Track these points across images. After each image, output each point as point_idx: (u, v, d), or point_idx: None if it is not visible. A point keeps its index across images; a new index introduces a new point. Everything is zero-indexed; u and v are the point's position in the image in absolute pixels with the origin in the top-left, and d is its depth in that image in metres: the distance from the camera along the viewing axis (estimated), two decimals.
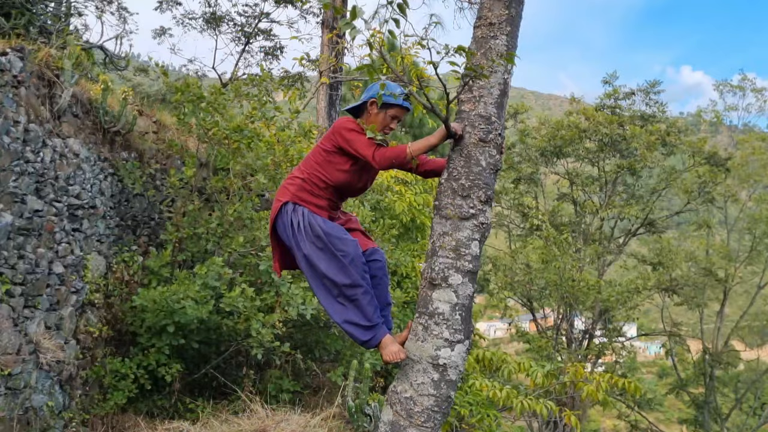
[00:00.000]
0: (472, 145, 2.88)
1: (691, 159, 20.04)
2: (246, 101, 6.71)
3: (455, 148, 2.92)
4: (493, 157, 2.90)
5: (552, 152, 19.58)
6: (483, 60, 2.90)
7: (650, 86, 19.74)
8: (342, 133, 3.08)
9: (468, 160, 2.87)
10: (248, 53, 11.35)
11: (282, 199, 3.16)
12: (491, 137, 2.89)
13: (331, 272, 2.99)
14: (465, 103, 2.93)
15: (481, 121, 2.89)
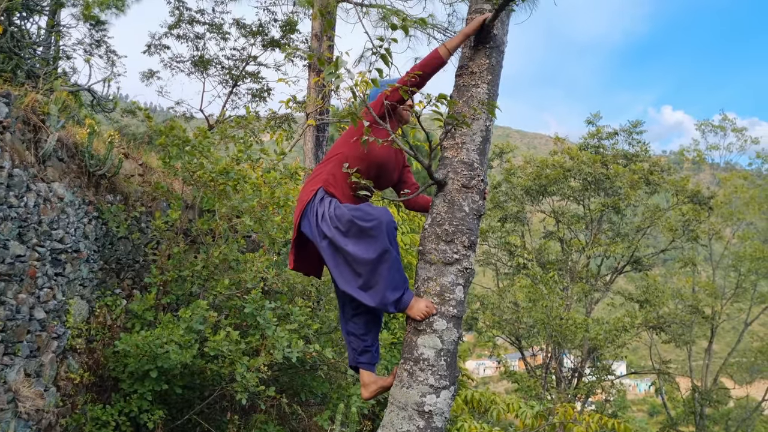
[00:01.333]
0: (456, 191, 2.91)
1: (674, 197, 20.28)
2: (232, 143, 6.76)
3: (438, 194, 2.95)
4: (476, 203, 2.93)
5: (537, 191, 19.76)
6: (465, 108, 2.95)
7: (633, 126, 20.08)
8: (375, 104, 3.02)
9: (451, 205, 2.90)
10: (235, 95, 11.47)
11: (314, 186, 3.04)
12: (474, 183, 2.92)
13: (359, 251, 2.82)
14: (448, 150, 2.97)
15: (463, 168, 2.92)
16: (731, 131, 24.65)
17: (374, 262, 2.81)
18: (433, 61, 2.94)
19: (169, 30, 10.76)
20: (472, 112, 2.93)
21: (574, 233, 20.71)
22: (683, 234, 20.31)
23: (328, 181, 3.04)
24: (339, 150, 3.10)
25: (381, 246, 2.81)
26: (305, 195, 3.05)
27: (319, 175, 3.09)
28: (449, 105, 2.69)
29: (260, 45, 11.23)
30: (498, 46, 3.07)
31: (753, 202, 22.99)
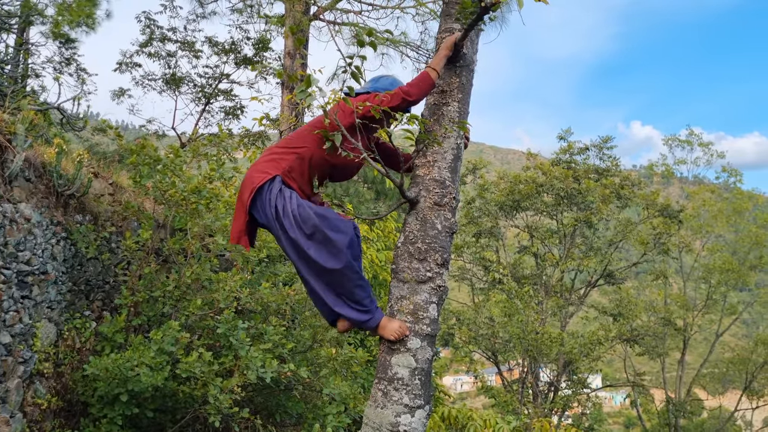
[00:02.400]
0: (428, 208, 2.91)
1: (645, 211, 20.62)
2: (205, 161, 6.70)
3: (411, 212, 2.95)
4: (448, 221, 2.93)
5: (511, 206, 19.93)
6: (436, 126, 2.97)
7: (603, 142, 20.42)
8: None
9: (424, 223, 2.90)
10: (208, 113, 11.40)
11: (270, 172, 2.92)
12: (446, 201, 2.93)
13: (321, 258, 2.81)
14: (420, 168, 2.98)
15: (435, 186, 2.93)
16: (698, 146, 25.24)
17: (336, 274, 2.83)
18: (427, 86, 2.93)
19: (140, 48, 10.69)
20: (443, 130, 2.94)
21: (548, 248, 20.89)
22: (654, 247, 20.63)
23: (286, 173, 2.95)
24: (301, 144, 3.00)
25: (344, 260, 2.81)
26: (258, 176, 2.93)
27: (276, 161, 2.98)
28: (420, 124, 2.70)
29: (233, 63, 11.22)
30: (468, 65, 3.10)
31: (720, 215, 23.47)
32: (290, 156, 2.98)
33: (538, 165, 20.36)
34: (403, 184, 2.85)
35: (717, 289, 23.34)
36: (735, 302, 25.64)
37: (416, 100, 2.91)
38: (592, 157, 20.67)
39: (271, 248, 7.24)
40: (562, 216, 20.28)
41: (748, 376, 23.89)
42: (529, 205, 20.02)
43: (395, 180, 2.76)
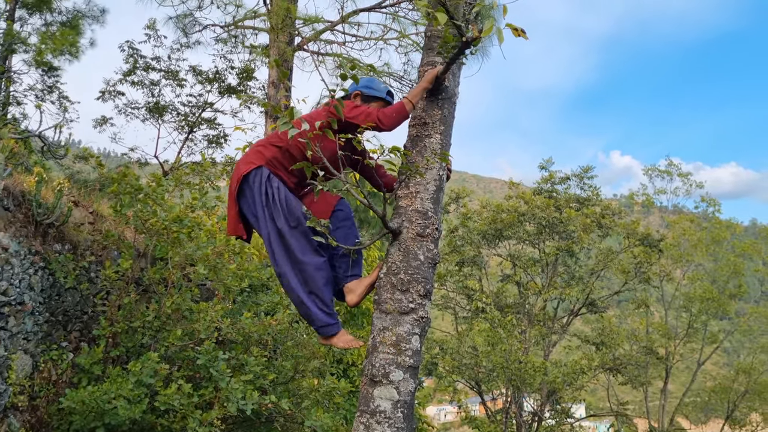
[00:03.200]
0: (410, 239, 2.92)
1: (626, 240, 20.80)
2: (187, 190, 6.67)
3: (393, 243, 2.95)
4: (431, 251, 2.94)
5: (494, 235, 20.01)
6: (419, 157, 2.99)
7: (584, 171, 20.66)
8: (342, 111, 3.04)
9: (406, 254, 2.90)
10: (191, 141, 11.38)
11: (256, 162, 3.06)
12: (428, 232, 2.94)
13: (300, 250, 2.98)
14: (402, 199, 2.99)
15: (418, 216, 2.94)
16: (677, 176, 25.62)
17: (310, 268, 2.99)
18: (401, 117, 3.05)
19: (124, 77, 10.70)
20: (425, 161, 2.97)
21: (530, 276, 20.95)
22: (635, 276, 20.77)
23: (271, 162, 3.10)
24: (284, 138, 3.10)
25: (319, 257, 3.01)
26: (244, 166, 3.09)
27: (261, 153, 3.13)
28: (402, 156, 2.72)
29: (217, 92, 11.24)
30: (450, 97, 3.14)
31: (700, 244, 23.75)
32: (273, 148, 3.13)
33: (520, 194, 20.52)
34: (386, 215, 2.86)
35: (698, 318, 23.51)
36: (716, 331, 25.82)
37: (386, 129, 3.04)
38: (573, 187, 20.90)
39: (253, 278, 7.18)
40: (544, 245, 20.39)
41: (730, 405, 23.95)
42: (512, 233, 20.12)
43: (378, 211, 2.77)
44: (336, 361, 7.95)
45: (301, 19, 10.25)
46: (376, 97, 3.29)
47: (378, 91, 3.30)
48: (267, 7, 10.04)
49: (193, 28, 10.92)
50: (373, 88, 3.31)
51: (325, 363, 6.95)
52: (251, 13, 10.45)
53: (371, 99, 3.28)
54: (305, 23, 10.38)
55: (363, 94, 3.31)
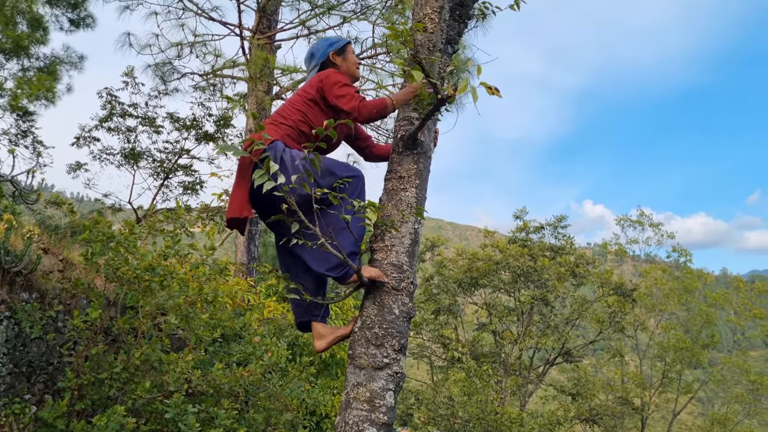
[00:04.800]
0: (386, 293, 2.90)
1: (600, 289, 20.96)
2: (161, 237, 6.59)
3: (368, 297, 2.93)
4: (406, 305, 2.92)
5: (469, 283, 20.04)
6: (394, 211, 3.01)
7: (557, 220, 20.93)
8: (331, 86, 3.16)
9: (381, 308, 2.88)
10: (167, 188, 11.30)
11: (272, 136, 3.03)
12: (404, 285, 2.93)
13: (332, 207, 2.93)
14: (378, 252, 2.99)
15: (393, 270, 2.94)
16: (649, 226, 26.07)
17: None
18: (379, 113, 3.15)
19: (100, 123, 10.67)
20: (400, 215, 2.98)
21: (506, 325, 20.93)
22: (610, 325, 20.86)
23: (286, 137, 3.12)
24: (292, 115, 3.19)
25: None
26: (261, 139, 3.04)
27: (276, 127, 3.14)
28: (377, 211, 2.73)
29: (194, 138, 11.25)
30: (425, 151, 3.18)
31: (673, 294, 24.01)
32: (284, 126, 3.15)
33: (494, 243, 20.67)
34: (360, 270, 2.85)
35: (672, 368, 23.58)
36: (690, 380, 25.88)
37: (360, 122, 3.19)
38: (547, 236, 21.13)
39: (225, 327, 7.06)
40: (520, 293, 20.46)
41: None
42: (487, 282, 20.18)
43: (353, 265, 2.76)
44: (309, 413, 7.78)
45: (279, 68, 10.39)
46: (344, 47, 3.44)
47: (341, 41, 3.45)
48: (246, 57, 10.17)
49: (172, 76, 10.99)
50: (336, 42, 3.45)
51: (298, 416, 6.80)
52: (230, 62, 10.57)
53: (343, 51, 3.44)
54: (283, 73, 10.52)
55: (335, 51, 3.43)
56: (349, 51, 3.45)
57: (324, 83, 3.19)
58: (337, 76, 3.22)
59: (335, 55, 3.41)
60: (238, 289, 7.75)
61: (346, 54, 3.43)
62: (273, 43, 10.34)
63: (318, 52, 3.41)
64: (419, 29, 3.02)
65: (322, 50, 3.40)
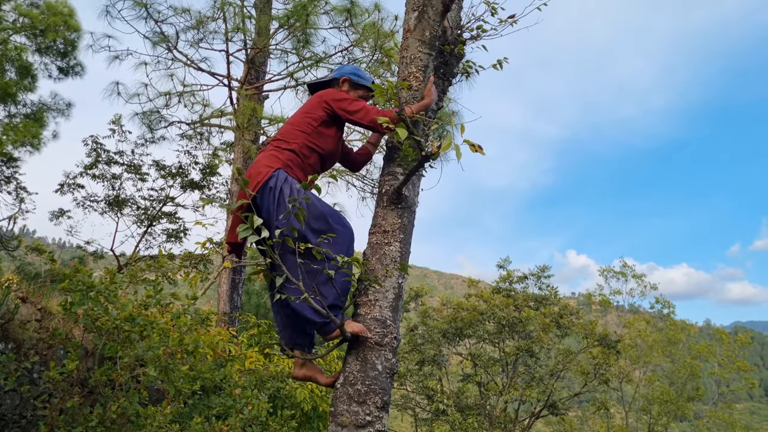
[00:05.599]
0: (368, 348, 2.88)
1: (584, 341, 20.88)
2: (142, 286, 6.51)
3: (351, 352, 2.91)
4: (389, 361, 2.90)
5: (454, 333, 19.90)
6: (378, 265, 3.01)
7: (541, 271, 20.98)
8: (338, 103, 3.19)
9: (364, 364, 2.85)
10: (150, 235, 11.24)
11: (273, 165, 3.03)
12: (387, 341, 2.91)
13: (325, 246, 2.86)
14: (361, 307, 2.98)
15: (376, 325, 2.92)
16: (632, 277, 26.18)
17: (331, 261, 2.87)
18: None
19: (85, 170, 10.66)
20: (384, 270, 2.98)
21: (491, 376, 20.71)
22: (595, 377, 20.70)
23: (286, 165, 3.12)
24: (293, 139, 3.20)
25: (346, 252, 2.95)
26: (264, 170, 3.05)
27: (276, 156, 3.13)
28: (361, 265, 2.73)
29: (179, 186, 11.25)
30: (410, 206, 3.20)
31: (657, 345, 23.97)
32: (286, 151, 3.15)
33: (479, 293, 20.63)
34: (343, 324, 2.83)
35: (658, 421, 23.34)
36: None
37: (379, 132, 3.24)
38: (531, 286, 21.14)
39: (206, 379, 6.92)
40: (504, 344, 20.32)
41: None
42: (472, 332, 20.04)
43: (335, 320, 2.74)
44: None
45: (266, 118, 10.50)
46: (363, 86, 3.48)
47: (365, 80, 3.48)
48: (234, 107, 10.27)
49: (159, 124, 11.06)
50: (360, 76, 3.48)
51: None
52: (218, 112, 10.67)
53: (359, 87, 3.47)
54: (270, 123, 10.63)
55: (351, 81, 3.49)
56: (361, 92, 3.49)
57: (329, 100, 3.25)
58: (342, 93, 3.30)
59: (350, 84, 3.48)
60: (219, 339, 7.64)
61: (357, 92, 3.48)
62: (261, 94, 10.48)
63: (340, 70, 3.52)
64: (404, 87, 3.09)
65: (345, 71, 3.50)
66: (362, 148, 3.67)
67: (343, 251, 2.94)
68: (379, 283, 2.86)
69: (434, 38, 3.30)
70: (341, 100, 3.24)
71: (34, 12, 12.58)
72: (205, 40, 10.14)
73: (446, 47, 3.44)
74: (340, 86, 3.50)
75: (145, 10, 9.60)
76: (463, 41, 3.50)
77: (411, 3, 3.45)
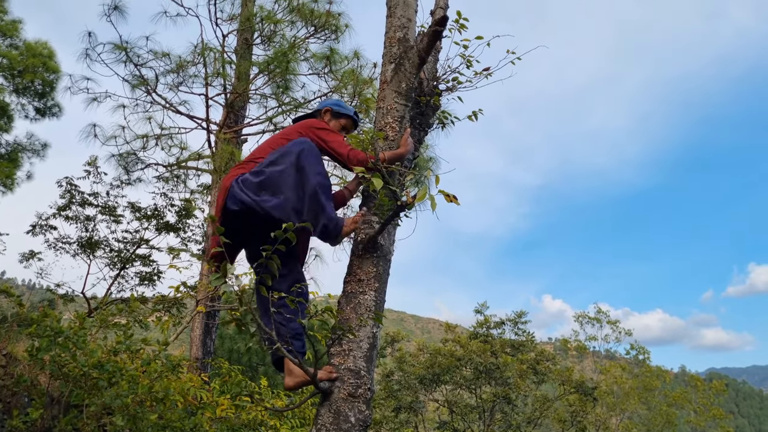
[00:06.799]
0: (342, 400, 2.84)
1: (561, 387, 20.78)
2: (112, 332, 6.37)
3: (324, 404, 2.86)
4: (362, 413, 2.85)
5: (431, 380, 19.69)
6: (353, 314, 2.99)
7: (518, 316, 20.98)
8: (316, 131, 3.21)
9: (337, 416, 2.81)
10: (123, 278, 11.05)
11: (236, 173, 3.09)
12: (360, 392, 2.87)
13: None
14: (335, 357, 2.94)
15: (350, 376, 2.89)
16: (606, 323, 26.29)
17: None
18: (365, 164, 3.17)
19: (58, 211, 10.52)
20: (359, 319, 2.96)
21: (467, 424, 20.43)
22: (572, 425, 20.53)
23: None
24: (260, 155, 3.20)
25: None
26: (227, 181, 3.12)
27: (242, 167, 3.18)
28: (334, 316, 2.72)
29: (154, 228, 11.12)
30: (385, 255, 3.20)
31: (633, 392, 23.93)
32: (252, 163, 3.18)
33: (456, 338, 20.52)
34: (317, 374, 2.79)
35: None
36: None
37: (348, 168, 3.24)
38: (507, 332, 21.10)
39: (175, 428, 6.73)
40: (481, 390, 20.13)
41: None
42: (449, 378, 19.85)
43: (308, 371, 2.70)
44: None
45: None
46: (345, 115, 3.56)
47: (347, 110, 3.57)
48: (211, 150, 10.27)
49: (136, 166, 11.00)
50: (342, 106, 3.57)
51: None
52: (195, 155, 10.65)
53: (341, 116, 3.55)
54: None
55: (333, 111, 3.57)
56: (344, 122, 3.58)
57: (308, 127, 3.28)
58: (322, 123, 3.35)
59: (331, 114, 3.55)
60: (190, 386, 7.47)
61: (340, 121, 3.56)
62: (239, 138, 10.51)
63: (322, 103, 3.62)
64: (381, 137, 3.12)
65: (327, 103, 3.60)
66: (338, 193, 3.68)
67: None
68: (353, 333, 2.83)
69: (410, 90, 3.36)
70: (320, 129, 3.29)
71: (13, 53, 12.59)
72: (185, 84, 10.20)
73: (422, 98, 3.50)
74: (322, 116, 3.60)
75: (125, 54, 9.65)
76: (439, 92, 3.57)
77: (388, 55, 3.53)
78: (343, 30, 10.45)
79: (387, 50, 3.60)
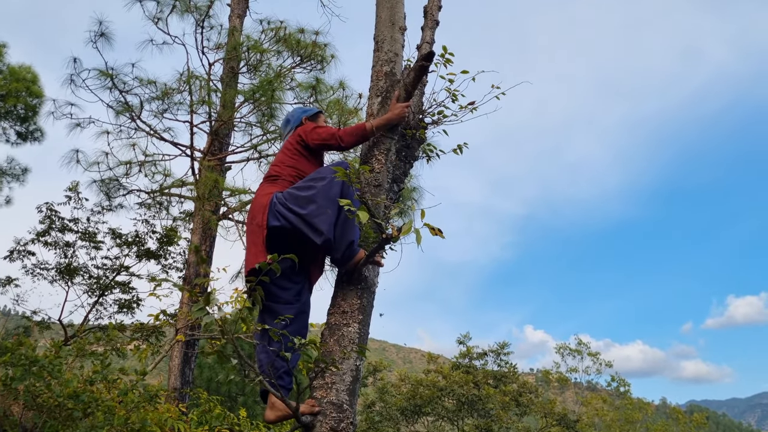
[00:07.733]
0: None
1: (543, 420, 20.67)
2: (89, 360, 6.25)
3: None
4: None
5: (413, 411, 19.49)
6: (336, 347, 2.96)
7: (500, 347, 20.92)
8: (307, 132, 3.43)
9: None
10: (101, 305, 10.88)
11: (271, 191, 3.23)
12: (343, 426, 2.83)
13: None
14: (317, 390, 2.91)
15: (333, 409, 2.85)
16: (587, 355, 26.32)
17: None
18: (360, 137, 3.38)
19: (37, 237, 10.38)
20: (342, 352, 2.93)
21: None
22: None
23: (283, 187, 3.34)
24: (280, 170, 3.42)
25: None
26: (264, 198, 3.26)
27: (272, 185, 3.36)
28: (317, 349, 2.69)
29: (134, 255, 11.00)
30: (369, 287, 3.19)
31: (614, 424, 23.86)
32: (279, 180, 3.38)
33: (438, 369, 20.39)
34: (299, 408, 2.75)
35: None
36: None
37: (346, 148, 3.42)
38: (490, 363, 21.01)
39: None
40: (463, 422, 19.95)
41: None
42: (431, 410, 19.66)
43: (291, 404, 2.67)
44: None
45: (228, 189, 10.46)
46: (317, 113, 3.78)
47: (314, 110, 3.80)
48: (195, 177, 10.22)
49: (118, 192, 10.90)
50: (308, 110, 3.79)
51: None
52: (179, 182, 10.59)
53: (315, 116, 3.76)
54: (232, 194, 10.58)
55: (308, 117, 3.74)
56: (321, 118, 3.79)
57: (302, 133, 3.46)
58: (311, 124, 3.54)
59: (308, 119, 3.70)
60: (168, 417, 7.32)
61: (318, 120, 3.75)
62: (223, 165, 10.48)
63: (293, 118, 3.76)
64: (366, 170, 3.14)
65: (297, 116, 3.75)
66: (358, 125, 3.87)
67: None
68: (336, 366, 2.80)
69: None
70: (311, 130, 3.46)
71: None
72: (170, 111, 10.18)
73: (408, 131, 3.53)
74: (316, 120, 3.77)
75: (110, 80, 9.63)
76: (424, 126, 3.60)
77: (375, 89, 3.57)
78: (329, 60, 10.54)
79: (374, 84, 3.65)
